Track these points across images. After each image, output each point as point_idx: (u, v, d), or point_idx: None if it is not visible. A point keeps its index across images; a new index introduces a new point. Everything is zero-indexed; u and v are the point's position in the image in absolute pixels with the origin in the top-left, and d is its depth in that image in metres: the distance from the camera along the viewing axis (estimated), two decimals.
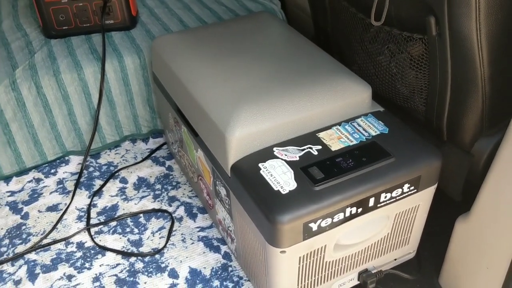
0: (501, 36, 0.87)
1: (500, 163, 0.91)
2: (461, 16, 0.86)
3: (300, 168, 0.96)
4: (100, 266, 1.18)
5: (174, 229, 1.27)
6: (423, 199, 1.05)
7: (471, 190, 1.03)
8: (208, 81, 1.11)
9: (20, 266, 1.18)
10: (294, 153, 0.99)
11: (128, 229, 1.27)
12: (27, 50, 1.43)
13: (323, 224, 0.92)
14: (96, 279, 1.15)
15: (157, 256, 1.20)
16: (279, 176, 0.94)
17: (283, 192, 0.91)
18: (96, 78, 1.38)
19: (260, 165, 0.97)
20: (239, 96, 1.04)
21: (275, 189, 0.92)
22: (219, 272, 1.17)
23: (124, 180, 1.42)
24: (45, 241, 1.24)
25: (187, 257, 1.20)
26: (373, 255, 1.09)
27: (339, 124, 1.06)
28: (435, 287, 1.17)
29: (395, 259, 1.15)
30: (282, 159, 0.98)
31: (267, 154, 0.99)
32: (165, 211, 1.32)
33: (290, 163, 0.97)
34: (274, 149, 1.00)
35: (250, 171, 0.97)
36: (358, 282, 1.12)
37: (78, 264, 1.18)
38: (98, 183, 1.41)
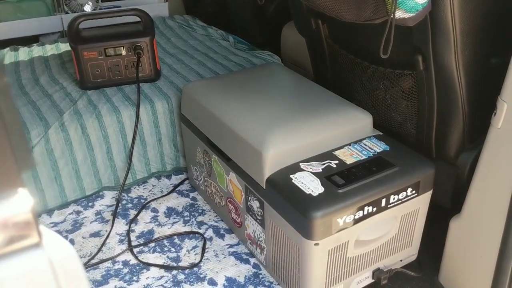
0: (476, 64, 1.15)
1: (481, 169, 1.15)
2: (442, 52, 1.14)
3: (325, 177, 1.18)
4: (147, 278, 1.34)
5: (206, 247, 1.45)
6: (422, 202, 1.27)
7: (458, 197, 1.27)
8: (239, 113, 1.34)
9: None
10: (317, 167, 1.22)
11: (166, 249, 1.44)
12: (68, 99, 1.64)
13: (347, 220, 1.13)
14: None
15: (195, 268, 1.37)
16: (309, 183, 1.16)
17: (314, 195, 1.13)
18: (131, 121, 1.60)
19: (291, 176, 1.19)
20: (268, 123, 1.27)
21: (307, 192, 1.13)
22: (251, 279, 1.34)
23: (155, 210, 1.60)
24: (93, 261, 1.39)
25: (221, 268, 1.37)
26: (384, 254, 1.29)
27: (349, 144, 1.30)
28: (436, 284, 1.37)
29: (401, 260, 1.36)
30: (308, 171, 1.20)
31: (295, 168, 1.22)
32: (197, 232, 1.50)
33: (315, 174, 1.19)
34: (300, 164, 1.23)
35: (284, 181, 1.18)
36: (373, 280, 1.31)
37: (127, 278, 1.34)
38: (132, 213, 1.58)
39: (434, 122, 1.30)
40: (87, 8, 2.29)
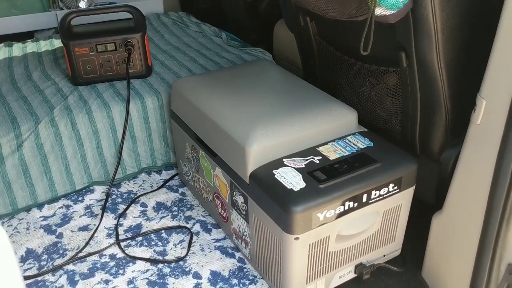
0: (457, 62, 1.16)
1: (461, 166, 1.16)
2: (424, 49, 1.15)
3: (307, 172, 1.19)
4: (133, 271, 1.35)
5: (193, 241, 1.46)
6: (405, 198, 1.29)
7: (441, 193, 1.28)
8: (225, 109, 1.36)
9: (60, 276, 1.35)
10: (300, 162, 1.23)
11: (153, 243, 1.46)
12: (59, 95, 1.66)
13: (328, 215, 1.15)
14: (130, 281, 1.32)
15: (181, 262, 1.39)
16: (291, 178, 1.17)
17: (295, 190, 1.14)
18: (121, 116, 1.61)
19: (274, 171, 1.20)
20: (253, 119, 1.29)
21: (289, 188, 1.15)
22: (236, 273, 1.35)
23: (144, 205, 1.62)
24: (80, 254, 1.41)
25: (207, 262, 1.39)
26: (366, 249, 1.31)
27: (333, 140, 1.31)
28: (418, 280, 1.38)
29: (384, 255, 1.37)
30: (291, 166, 1.22)
31: (278, 163, 1.23)
32: (184, 227, 1.52)
33: (298, 169, 1.21)
34: (284, 160, 1.24)
35: (267, 176, 1.20)
36: (355, 274, 1.33)
37: (113, 271, 1.36)
38: (121, 207, 1.60)
39: (418, 118, 1.31)
40: (82, 4, 2.30)
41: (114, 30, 1.70)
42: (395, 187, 1.24)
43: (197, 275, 1.35)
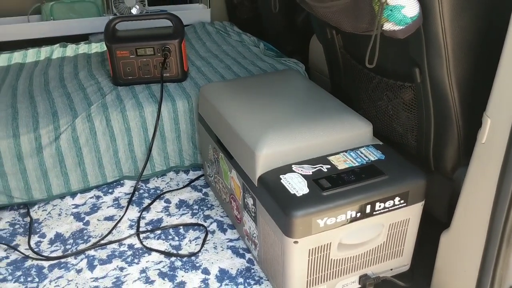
0: (468, 79, 1.16)
1: (467, 184, 1.15)
2: (435, 66, 1.16)
3: (313, 180, 1.23)
4: (147, 262, 1.43)
5: (207, 239, 1.53)
6: (413, 214, 1.29)
7: (453, 211, 1.27)
8: (244, 115, 1.42)
9: (81, 259, 1.45)
10: (308, 170, 1.27)
11: (170, 237, 1.54)
12: (99, 93, 1.78)
13: (328, 222, 1.17)
14: (143, 271, 1.40)
15: (193, 257, 1.45)
16: (296, 184, 1.21)
17: (298, 195, 1.18)
18: (153, 117, 1.71)
19: (281, 176, 1.25)
20: (267, 125, 1.34)
21: (292, 192, 1.19)
22: (243, 272, 1.40)
23: (168, 201, 1.71)
24: (102, 242, 1.51)
25: (217, 260, 1.45)
26: (372, 261, 1.32)
27: (346, 151, 1.34)
28: None
29: (391, 269, 1.37)
30: (298, 173, 1.26)
31: (287, 169, 1.27)
32: (201, 225, 1.58)
33: (304, 176, 1.24)
34: (293, 166, 1.28)
35: (273, 180, 1.24)
36: (359, 285, 1.34)
37: (129, 259, 1.44)
38: (146, 202, 1.69)
39: (432, 135, 1.31)
40: (134, 11, 2.45)
41: (154, 36, 1.81)
42: (402, 201, 1.24)
43: (206, 271, 1.41)
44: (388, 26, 1.09)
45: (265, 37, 2.37)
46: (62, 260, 1.45)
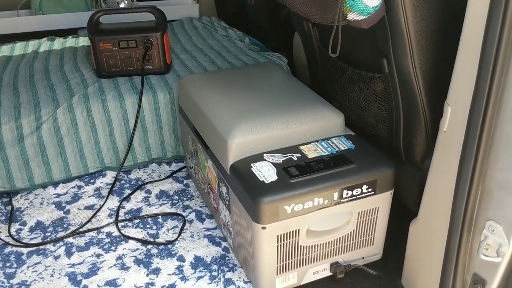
0: (432, 69, 1.18)
1: (432, 173, 1.17)
2: (400, 55, 1.18)
3: (282, 168, 1.25)
4: (123, 249, 1.46)
5: (185, 228, 1.55)
6: (382, 202, 1.31)
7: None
8: (219, 106, 1.44)
9: (60, 247, 1.48)
10: (279, 158, 1.29)
11: (148, 226, 1.56)
12: (82, 85, 1.81)
13: (296, 209, 1.20)
14: (119, 258, 1.43)
15: (169, 245, 1.48)
16: (265, 172, 1.24)
17: (266, 182, 1.20)
18: (134, 108, 1.74)
19: (252, 164, 1.27)
20: (240, 115, 1.36)
21: (260, 180, 1.21)
22: (218, 260, 1.43)
23: (148, 191, 1.73)
24: (81, 230, 1.54)
25: (193, 248, 1.47)
26: (342, 249, 1.34)
27: (317, 141, 1.36)
28: (397, 285, 1.39)
29: (363, 258, 1.40)
30: (269, 161, 1.28)
31: (258, 158, 1.30)
32: (180, 214, 1.61)
33: (275, 164, 1.27)
34: (264, 154, 1.31)
35: (244, 169, 1.27)
36: (330, 273, 1.36)
37: (106, 247, 1.47)
38: (127, 192, 1.72)
39: (401, 125, 1.33)
40: (122, 5, 2.48)
41: (136, 29, 1.84)
42: (370, 189, 1.27)
43: (181, 258, 1.43)
44: (352, 16, 1.11)
45: (251, 32, 2.40)
46: (41, 247, 1.47)
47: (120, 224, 1.57)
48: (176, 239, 1.50)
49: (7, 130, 1.59)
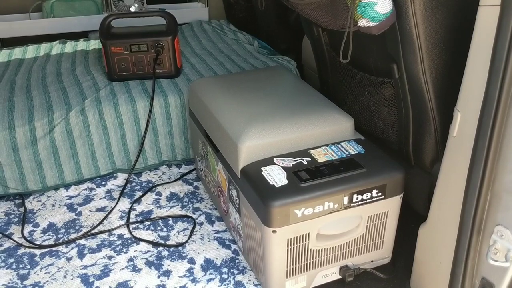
0: (442, 75, 1.19)
1: (441, 178, 1.18)
2: (411, 62, 1.19)
3: (292, 172, 1.26)
4: (135, 251, 1.48)
5: (195, 230, 1.57)
6: (391, 206, 1.32)
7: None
8: (229, 109, 1.46)
9: (72, 248, 1.50)
10: (289, 162, 1.31)
11: (159, 228, 1.58)
12: (94, 88, 1.83)
13: (306, 213, 1.21)
14: (131, 260, 1.45)
15: (180, 248, 1.50)
16: (275, 176, 1.25)
17: (276, 186, 1.22)
18: (145, 111, 1.76)
19: (262, 168, 1.29)
20: (251, 119, 1.38)
21: (271, 183, 1.23)
22: (228, 263, 1.44)
23: (159, 194, 1.75)
24: (93, 232, 1.56)
25: (203, 250, 1.49)
26: (352, 252, 1.35)
27: (327, 145, 1.37)
28: None
29: (372, 261, 1.41)
30: (279, 165, 1.29)
31: (268, 161, 1.31)
32: (190, 217, 1.63)
33: (285, 168, 1.28)
34: (274, 158, 1.32)
35: (254, 172, 1.28)
36: (340, 276, 1.37)
37: (118, 249, 1.49)
38: (138, 194, 1.74)
39: (411, 130, 1.34)
40: (133, 9, 2.50)
41: (147, 33, 1.86)
42: (379, 194, 1.28)
43: (191, 261, 1.45)
44: (362, 23, 1.13)
45: (260, 35, 2.41)
46: (54, 248, 1.50)
47: (131, 226, 1.59)
48: (186, 241, 1.52)
49: (21, 133, 1.62)
